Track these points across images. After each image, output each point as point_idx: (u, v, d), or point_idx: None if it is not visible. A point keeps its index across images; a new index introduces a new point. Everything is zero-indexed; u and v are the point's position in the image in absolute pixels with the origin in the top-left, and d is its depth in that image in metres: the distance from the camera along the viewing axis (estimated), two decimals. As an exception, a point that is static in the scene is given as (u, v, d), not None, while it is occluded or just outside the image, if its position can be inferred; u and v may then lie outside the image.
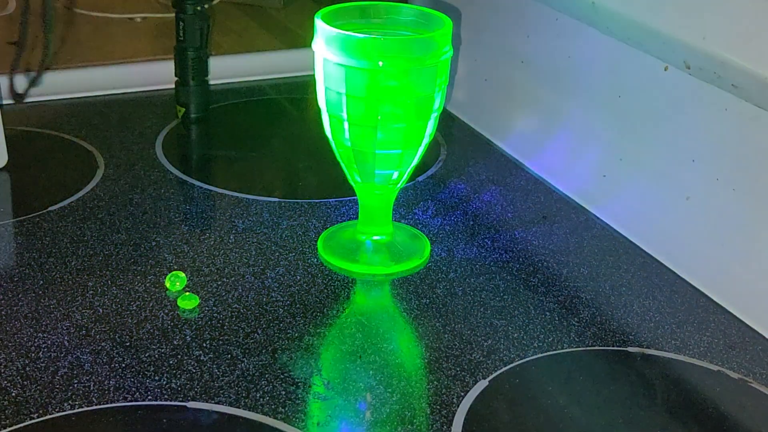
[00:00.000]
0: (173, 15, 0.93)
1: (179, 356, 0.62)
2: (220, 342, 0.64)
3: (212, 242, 0.75)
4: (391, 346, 0.65)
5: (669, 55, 0.73)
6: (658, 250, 0.77)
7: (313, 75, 0.71)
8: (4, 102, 0.96)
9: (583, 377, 0.63)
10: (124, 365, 0.61)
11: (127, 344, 0.63)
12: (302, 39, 1.16)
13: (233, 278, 0.71)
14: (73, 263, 0.71)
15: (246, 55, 1.12)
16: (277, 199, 0.82)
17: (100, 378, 0.60)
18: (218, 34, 1.15)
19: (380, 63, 0.66)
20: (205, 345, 0.63)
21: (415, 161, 0.72)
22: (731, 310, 0.70)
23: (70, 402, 0.57)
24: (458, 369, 0.62)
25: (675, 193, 0.75)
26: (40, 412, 0.56)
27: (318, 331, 0.65)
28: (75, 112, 0.99)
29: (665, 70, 0.75)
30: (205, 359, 0.62)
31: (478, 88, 1.00)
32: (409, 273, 0.73)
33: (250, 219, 0.79)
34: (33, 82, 0.95)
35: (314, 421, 0.57)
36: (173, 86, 0.96)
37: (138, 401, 0.58)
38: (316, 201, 0.82)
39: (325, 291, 0.70)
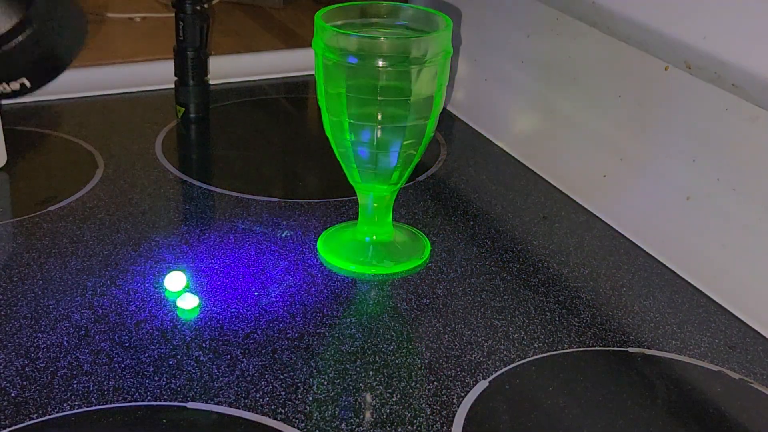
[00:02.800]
0: (173, 15, 0.93)
1: (179, 357, 0.62)
2: (220, 342, 0.63)
3: (212, 242, 0.75)
4: (391, 346, 0.64)
5: (669, 54, 0.73)
6: (659, 250, 0.76)
7: (313, 75, 0.70)
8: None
9: (584, 378, 0.63)
10: (123, 366, 0.61)
11: (127, 344, 0.63)
12: (302, 39, 1.16)
13: (233, 278, 0.71)
14: (72, 263, 0.71)
15: (246, 55, 1.12)
16: (277, 199, 0.82)
17: (99, 378, 0.59)
18: (218, 34, 1.15)
19: (380, 63, 0.66)
20: (204, 345, 0.63)
21: (415, 161, 0.72)
22: (732, 311, 0.70)
23: (69, 402, 0.57)
24: (458, 369, 0.62)
25: (675, 193, 0.75)
26: (40, 412, 0.56)
27: (318, 331, 0.65)
28: (75, 112, 0.98)
29: (666, 69, 0.75)
30: (204, 359, 0.62)
31: (478, 88, 1.00)
32: (409, 273, 0.73)
33: (249, 219, 0.79)
34: None
35: (314, 422, 0.57)
36: (173, 86, 0.96)
37: (137, 402, 0.58)
38: (316, 201, 0.82)
39: (325, 291, 0.70)
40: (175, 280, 0.69)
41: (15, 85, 0.54)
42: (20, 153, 0.88)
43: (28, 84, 0.54)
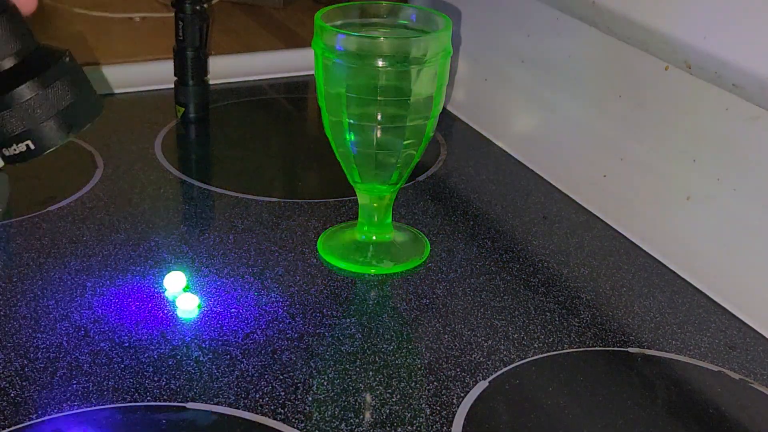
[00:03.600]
0: (173, 15, 0.93)
1: (178, 357, 0.62)
2: (220, 342, 0.63)
3: (211, 242, 0.75)
4: (391, 346, 0.64)
5: (669, 54, 0.73)
6: (658, 250, 0.76)
7: (313, 75, 0.70)
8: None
9: (584, 378, 0.63)
10: (123, 366, 0.61)
11: (126, 345, 0.63)
12: (302, 39, 1.16)
13: (232, 278, 0.71)
14: (72, 263, 0.71)
15: (246, 55, 1.11)
16: (276, 199, 0.82)
17: (98, 378, 0.59)
18: (218, 34, 1.15)
19: (380, 63, 0.66)
20: (204, 345, 0.63)
21: (415, 161, 0.72)
22: (732, 311, 0.70)
23: (69, 402, 0.57)
24: (458, 369, 0.62)
25: (675, 193, 0.75)
26: (39, 412, 0.56)
27: (318, 331, 0.65)
28: (74, 112, 0.98)
29: (666, 69, 0.75)
30: (204, 360, 0.62)
31: (478, 88, 1.00)
32: (409, 273, 0.73)
33: (249, 219, 0.79)
34: None
35: (314, 422, 0.57)
36: (172, 86, 0.96)
37: (137, 402, 0.58)
38: (316, 201, 0.82)
39: (325, 291, 0.70)
40: (174, 280, 0.69)
41: (22, 147, 0.55)
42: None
43: (32, 146, 0.55)
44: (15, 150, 0.54)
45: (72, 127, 0.56)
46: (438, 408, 0.58)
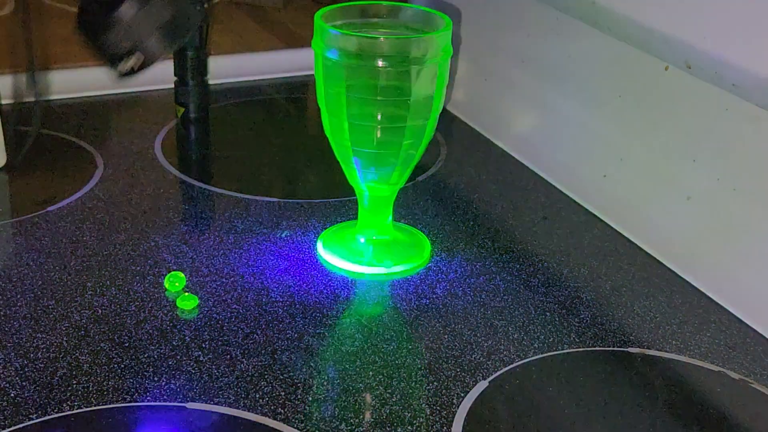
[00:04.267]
0: (173, 15, 0.93)
1: (178, 357, 0.62)
2: (220, 342, 0.63)
3: (211, 242, 0.75)
4: (391, 346, 0.64)
5: (669, 54, 0.73)
6: (658, 250, 0.76)
7: (313, 75, 0.70)
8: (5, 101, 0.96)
9: (584, 378, 0.63)
10: (122, 366, 0.61)
11: (126, 345, 0.63)
12: (302, 39, 1.16)
13: (232, 278, 0.71)
14: (71, 263, 0.71)
15: (246, 55, 1.11)
16: (276, 199, 0.82)
17: (98, 378, 0.59)
18: (218, 34, 1.15)
19: (380, 63, 0.66)
20: (204, 345, 0.63)
21: (415, 161, 0.72)
22: (732, 311, 0.70)
23: (68, 403, 0.57)
24: (458, 369, 0.62)
25: (675, 193, 0.75)
26: (39, 413, 0.56)
27: (317, 331, 0.65)
28: (74, 112, 0.98)
29: (666, 69, 0.75)
30: (204, 360, 0.62)
31: (478, 88, 1.00)
32: (409, 273, 0.73)
33: (249, 219, 0.79)
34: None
35: (314, 422, 0.57)
36: (172, 86, 0.96)
37: (137, 402, 0.58)
38: (316, 201, 0.82)
39: (325, 291, 0.70)
40: (174, 280, 0.69)
41: (132, 61, 0.58)
42: (20, 153, 0.87)
43: (141, 60, 0.58)
44: (126, 65, 0.58)
45: (175, 39, 0.59)
46: (438, 408, 0.58)
